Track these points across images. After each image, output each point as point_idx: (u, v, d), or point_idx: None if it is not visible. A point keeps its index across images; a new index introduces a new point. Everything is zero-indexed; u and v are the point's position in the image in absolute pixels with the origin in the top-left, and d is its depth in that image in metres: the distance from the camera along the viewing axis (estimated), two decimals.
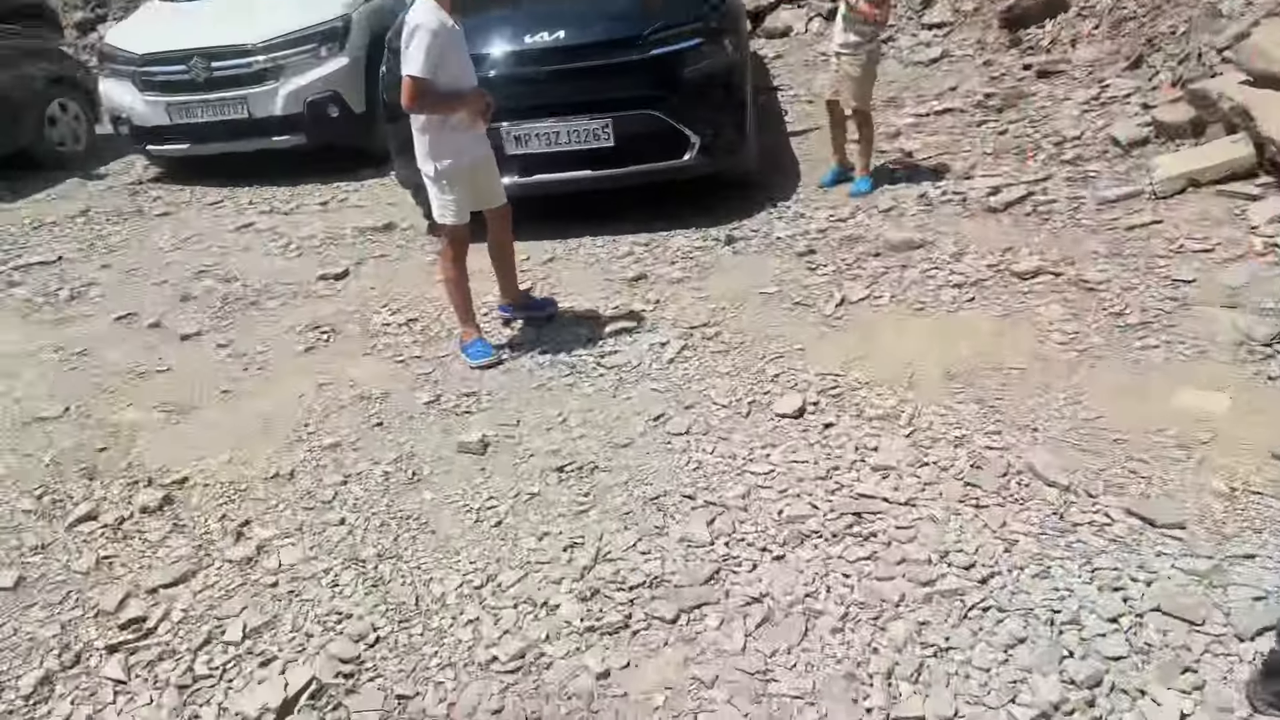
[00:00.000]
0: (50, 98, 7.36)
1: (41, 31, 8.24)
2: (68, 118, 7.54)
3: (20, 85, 7.08)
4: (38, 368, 4.13)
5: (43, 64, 7.36)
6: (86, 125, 7.73)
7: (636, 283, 4.53)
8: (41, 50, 7.47)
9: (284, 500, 3.09)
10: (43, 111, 7.27)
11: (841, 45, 5.00)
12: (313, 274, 4.99)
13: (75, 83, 7.65)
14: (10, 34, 7.32)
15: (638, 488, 2.98)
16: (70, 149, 7.55)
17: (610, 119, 4.82)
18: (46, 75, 7.35)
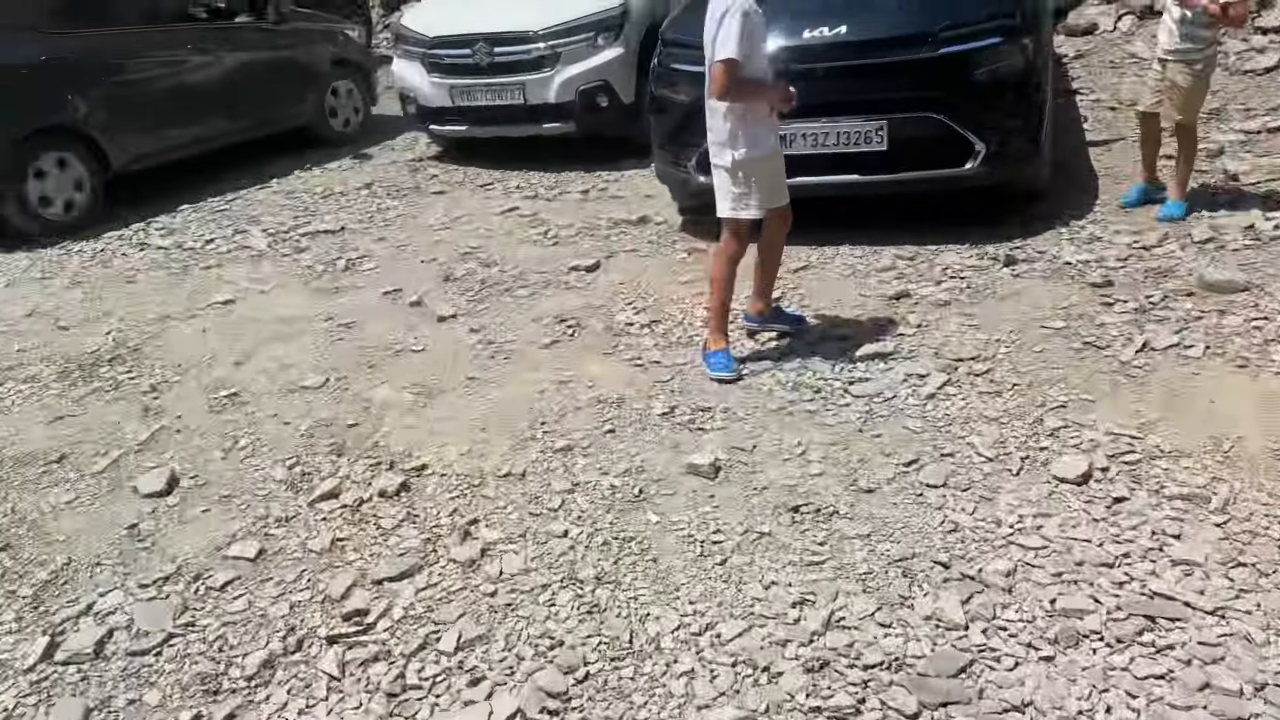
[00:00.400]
0: (333, 78, 7.86)
1: (336, 14, 8.83)
2: (347, 98, 8.03)
3: (307, 66, 7.62)
4: (309, 335, 4.36)
5: (328, 46, 7.87)
6: (363, 106, 8.21)
7: (896, 301, 4.17)
8: (328, 33, 7.98)
9: (512, 502, 3.03)
10: (325, 91, 7.78)
11: (1170, 50, 4.35)
12: (565, 264, 5.00)
13: (356, 65, 8.12)
14: (303, 17, 7.88)
15: (881, 544, 2.67)
16: (347, 128, 8.05)
17: (886, 121, 4.47)
18: (330, 57, 7.85)
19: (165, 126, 6.61)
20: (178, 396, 3.88)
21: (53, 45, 5.96)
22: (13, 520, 3.13)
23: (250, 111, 7.20)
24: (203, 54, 6.84)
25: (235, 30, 7.24)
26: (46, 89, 5.90)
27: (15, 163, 5.76)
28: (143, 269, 5.37)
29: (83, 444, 3.57)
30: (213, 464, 3.37)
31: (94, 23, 6.35)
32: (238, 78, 7.07)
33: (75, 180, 6.09)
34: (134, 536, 2.99)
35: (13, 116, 5.76)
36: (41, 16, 6.03)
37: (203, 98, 6.83)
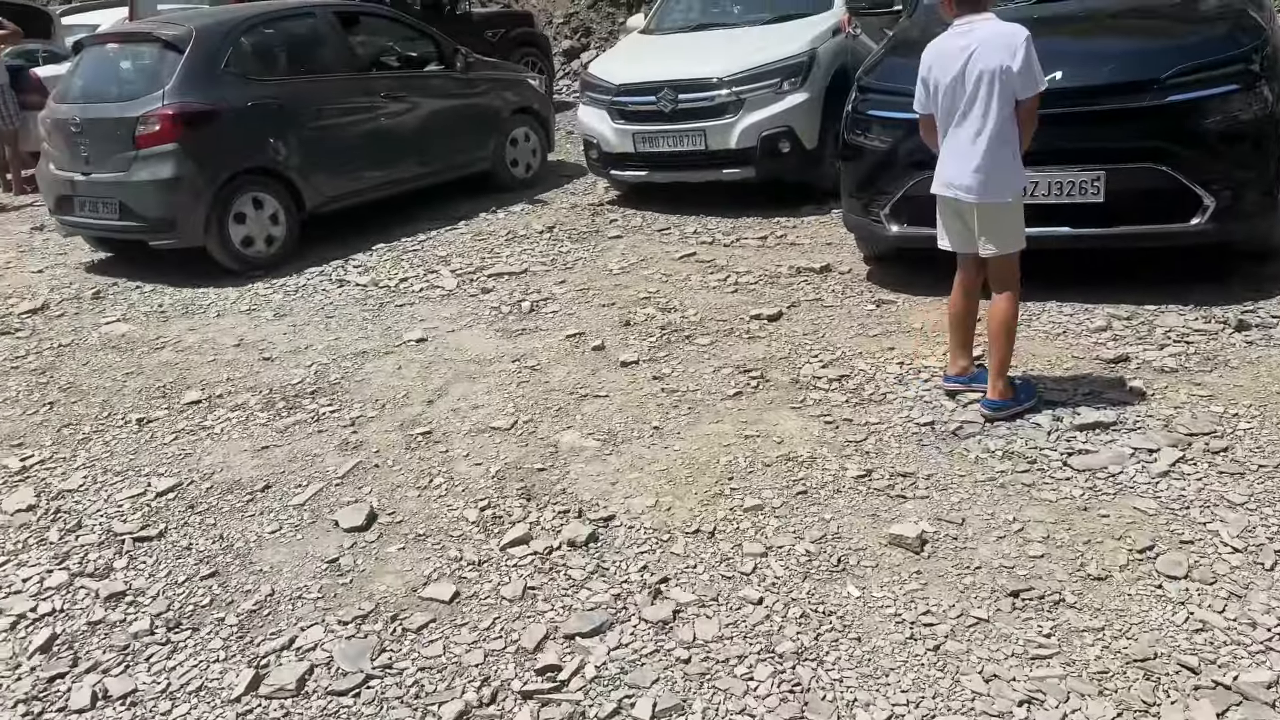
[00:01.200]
0: (513, 126, 8.05)
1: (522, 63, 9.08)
2: (526, 145, 8.20)
3: (490, 113, 7.84)
4: (497, 376, 4.43)
5: (509, 94, 8.07)
6: (540, 153, 8.36)
7: (1115, 365, 3.87)
8: (510, 82, 8.20)
9: (703, 562, 2.93)
10: (506, 138, 7.97)
11: None
12: (747, 312, 4.90)
13: (535, 113, 8.29)
14: (488, 66, 8.12)
15: (1117, 640, 2.41)
16: (526, 174, 8.20)
17: (1103, 171, 4.19)
18: (512, 105, 8.04)
19: (357, 170, 6.90)
20: (375, 432, 3.99)
21: (257, 91, 6.35)
22: (222, 548, 3.27)
23: (437, 157, 7.46)
24: (394, 101, 7.11)
25: (425, 79, 7.56)
26: (251, 133, 6.27)
27: (221, 202, 6.11)
28: (341, 305, 5.62)
29: (286, 474, 3.71)
30: (408, 501, 3.43)
31: (295, 71, 6.73)
32: (426, 124, 7.35)
33: (272, 220, 6.44)
34: (334, 571, 3.05)
35: (221, 158, 6.13)
36: (249, 64, 6.44)
37: (392, 143, 7.09)
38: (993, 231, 3.43)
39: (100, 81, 6.57)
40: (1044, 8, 5.07)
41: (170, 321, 5.62)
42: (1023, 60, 3.18)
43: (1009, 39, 3.21)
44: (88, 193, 6.34)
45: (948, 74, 3.35)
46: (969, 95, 3.31)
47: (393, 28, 7.80)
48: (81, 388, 4.78)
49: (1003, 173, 3.33)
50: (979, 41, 3.27)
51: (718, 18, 7.56)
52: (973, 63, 3.27)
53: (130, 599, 3.03)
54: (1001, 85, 3.23)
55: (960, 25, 3.34)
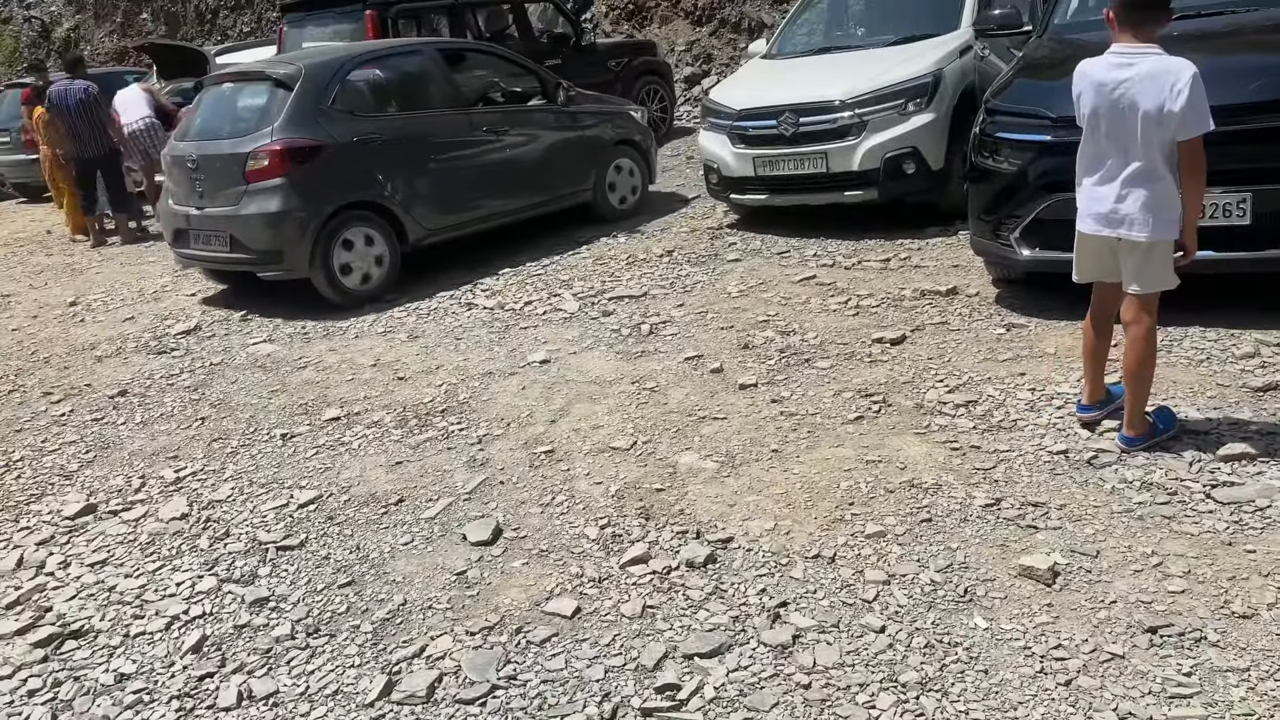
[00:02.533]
0: (614, 157, 8.02)
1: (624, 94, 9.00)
2: (628, 177, 8.15)
3: (591, 145, 7.86)
4: (617, 397, 4.51)
5: (611, 126, 8.06)
6: (641, 184, 8.29)
7: (1264, 394, 3.66)
8: (611, 114, 8.19)
9: (822, 587, 2.91)
10: (605, 169, 7.95)
11: None
12: (868, 335, 4.85)
13: (636, 144, 8.24)
14: (589, 99, 8.12)
15: (1263, 682, 2.29)
16: (624, 205, 8.13)
17: (1250, 193, 3.99)
18: (614, 137, 8.04)
19: (458, 203, 7.01)
20: (500, 449, 4.12)
21: (363, 127, 6.50)
22: (358, 557, 3.43)
23: (538, 189, 7.50)
24: (496, 135, 7.20)
25: (527, 113, 7.62)
26: (355, 168, 6.41)
27: (326, 235, 6.27)
28: (470, 327, 5.82)
29: (418, 489, 3.87)
30: (532, 517, 3.53)
31: (401, 107, 6.92)
32: (527, 157, 7.39)
33: (376, 254, 6.57)
34: (462, 583, 3.17)
35: (326, 192, 6.29)
36: (355, 101, 6.63)
37: (494, 176, 7.16)
38: (1144, 270, 3.26)
39: (216, 119, 6.84)
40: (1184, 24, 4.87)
41: (312, 342, 5.93)
42: (1185, 101, 2.99)
43: (1173, 77, 3.01)
44: (201, 226, 6.59)
45: (1095, 103, 3.20)
46: (1124, 131, 3.15)
47: (497, 63, 7.92)
48: (230, 404, 5.09)
49: (1162, 209, 3.17)
50: (1138, 77, 3.08)
51: (841, 41, 7.54)
52: (1128, 98, 3.10)
53: (273, 605, 3.21)
54: (1159, 126, 3.07)
55: (1120, 52, 3.16)
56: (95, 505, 4.11)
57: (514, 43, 9.97)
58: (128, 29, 20.38)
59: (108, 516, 4.02)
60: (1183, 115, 3.01)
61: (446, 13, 9.48)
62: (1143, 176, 3.16)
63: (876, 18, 7.63)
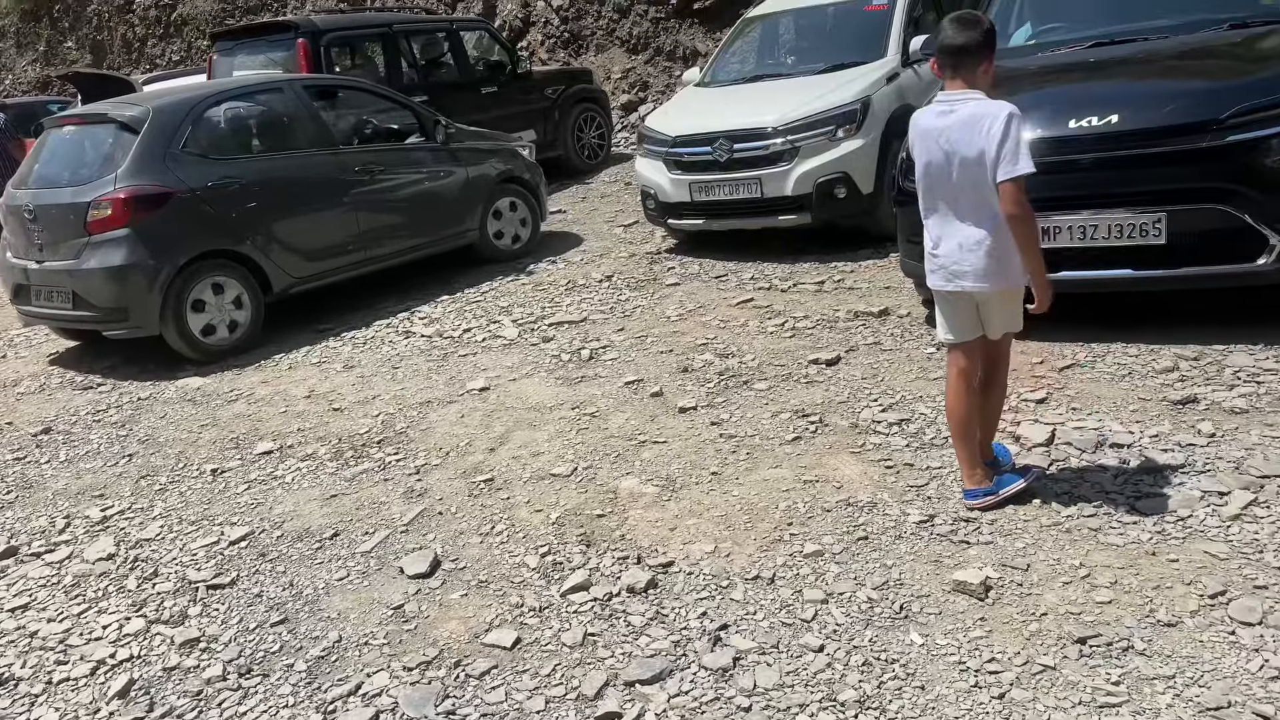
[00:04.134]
0: (500, 196, 7.66)
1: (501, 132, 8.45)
2: (514, 215, 7.79)
3: (474, 184, 7.47)
4: (557, 424, 4.49)
5: (495, 163, 7.68)
6: (532, 223, 7.94)
7: (1183, 407, 3.79)
8: (497, 150, 7.83)
9: (762, 608, 2.93)
10: (487, 208, 7.57)
11: None
12: (804, 357, 4.91)
13: (523, 182, 7.87)
14: (471, 135, 7.76)
15: (1189, 689, 2.35)
16: (514, 245, 7.80)
17: (1165, 213, 4.13)
18: (498, 175, 7.65)
19: (329, 248, 6.62)
20: (439, 479, 4.07)
21: (218, 171, 6.11)
22: (292, 594, 3.36)
23: (418, 231, 7.17)
24: (370, 176, 6.83)
25: (403, 151, 7.24)
26: (210, 215, 6.01)
27: (178, 288, 5.86)
28: (407, 355, 5.76)
29: (353, 522, 3.81)
30: (471, 548, 3.49)
31: (261, 148, 6.55)
32: (404, 198, 7.06)
33: (237, 306, 6.18)
34: (399, 617, 3.12)
35: (178, 242, 5.87)
36: (209, 144, 6.23)
37: (369, 219, 6.81)
38: (999, 316, 3.17)
39: (56, 165, 6.34)
40: (1100, 51, 5.07)
41: (244, 374, 5.82)
42: (999, 143, 2.86)
43: (989, 120, 2.89)
44: (41, 281, 6.11)
45: (928, 155, 3.08)
46: (952, 180, 3.03)
47: (370, 100, 7.51)
48: (159, 440, 4.97)
49: (1001, 258, 3.02)
50: (957, 123, 2.96)
51: (772, 69, 7.67)
52: (951, 146, 2.98)
53: (204, 645, 3.12)
54: (983, 171, 2.93)
55: (943, 100, 3.05)
56: (16, 547, 3.97)
57: (450, 71, 9.97)
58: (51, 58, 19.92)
59: (30, 559, 3.88)
60: (998, 157, 2.88)
61: (381, 41, 9.44)
62: (975, 227, 3.03)
63: (806, 46, 7.80)
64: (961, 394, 3.31)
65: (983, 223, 3.03)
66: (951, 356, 3.36)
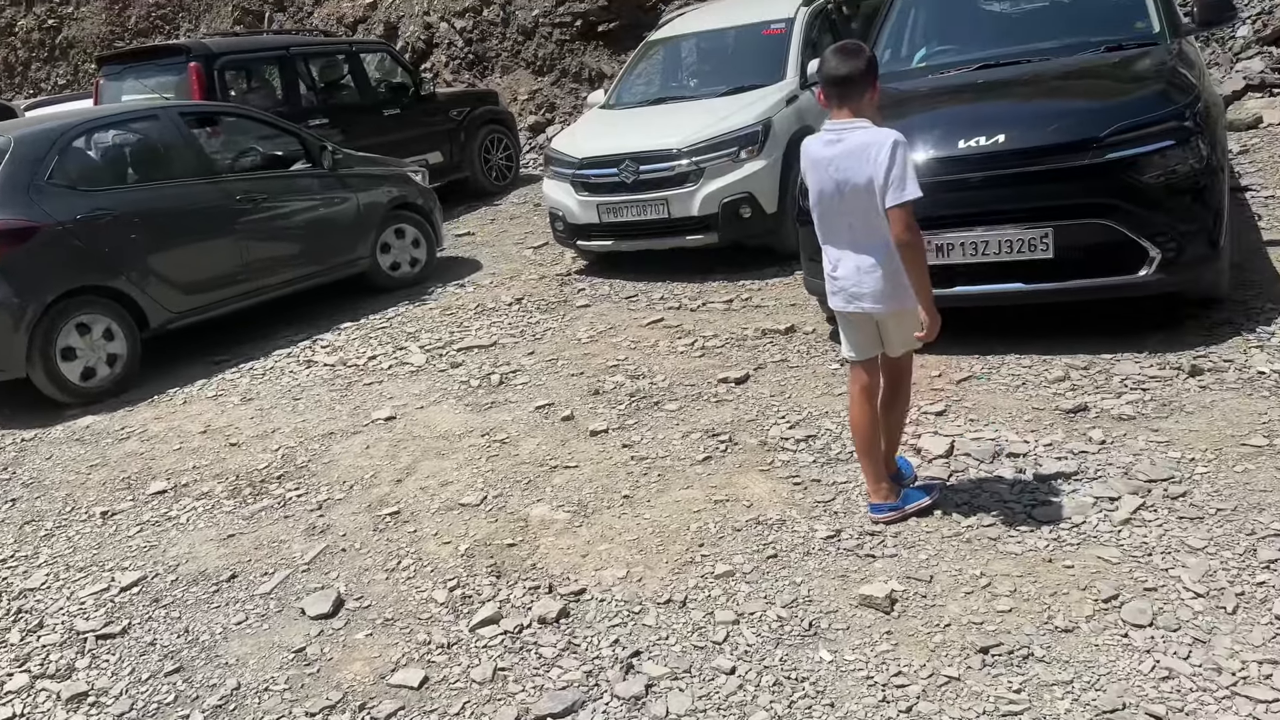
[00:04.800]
0: (391, 223, 7.48)
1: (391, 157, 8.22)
2: (407, 242, 7.63)
3: (364, 211, 7.25)
4: (466, 451, 4.42)
5: (386, 189, 7.49)
6: (427, 250, 7.77)
7: (1074, 415, 3.92)
8: (387, 176, 7.66)
9: (674, 632, 2.92)
10: (379, 235, 7.40)
11: None
12: (714, 376, 4.94)
13: (417, 208, 7.71)
14: (360, 161, 7.55)
15: (1086, 693, 2.42)
16: (409, 272, 7.63)
17: (1051, 228, 4.29)
18: (390, 201, 7.46)
19: (210, 281, 6.35)
20: (342, 514, 3.96)
21: (88, 203, 5.79)
22: (187, 641, 3.22)
23: (305, 260, 6.94)
24: (253, 205, 6.57)
25: (288, 179, 7.00)
26: (79, 249, 5.70)
27: (45, 326, 5.52)
28: (309, 386, 5.61)
29: (252, 562, 3.68)
30: (376, 585, 3.40)
31: (135, 178, 6.26)
32: (290, 227, 6.83)
33: (110, 343, 5.87)
34: (301, 660, 3.01)
35: (43, 278, 5.54)
36: (78, 174, 5.91)
37: (253, 250, 6.56)
38: (898, 335, 3.23)
39: None
40: (988, 73, 5.26)
41: (136, 410, 5.58)
42: (886, 169, 2.91)
43: (876, 149, 2.94)
44: None
45: (819, 182, 3.13)
46: (844, 207, 3.09)
47: (252, 126, 7.27)
48: (44, 482, 4.72)
49: (895, 281, 3.09)
50: (846, 152, 3.01)
51: (675, 91, 7.75)
52: (841, 173, 3.03)
53: (93, 700, 2.97)
54: (872, 198, 2.99)
55: (831, 129, 3.09)
56: None
57: (351, 93, 9.81)
58: None
59: None
60: (886, 184, 2.93)
61: (278, 64, 9.23)
62: (869, 251, 3.09)
63: (708, 69, 7.90)
64: (864, 410, 3.37)
65: (877, 247, 3.09)
66: (854, 373, 3.42)
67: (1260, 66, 8.07)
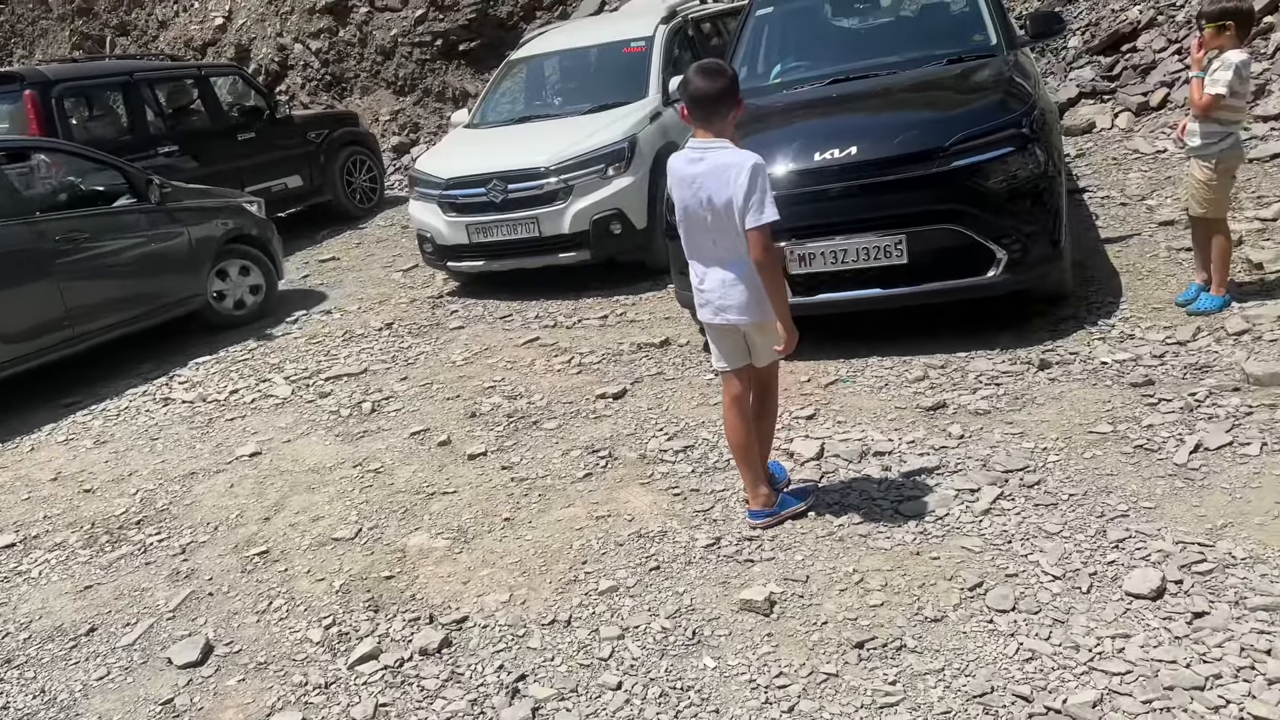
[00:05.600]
0: (226, 257, 7.15)
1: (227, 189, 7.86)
2: (243, 277, 7.28)
3: (195, 246, 6.89)
4: (338, 484, 4.30)
5: (220, 222, 7.14)
6: (266, 283, 7.44)
7: (934, 412, 4.09)
8: (221, 208, 7.25)
9: (560, 652, 2.90)
10: (211, 271, 7.03)
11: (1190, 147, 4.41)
12: (592, 392, 4.95)
13: (253, 239, 7.37)
14: (190, 194, 7.17)
15: (957, 679, 2.52)
16: (245, 310, 7.27)
17: (904, 235, 4.48)
18: (224, 234, 7.10)
19: (27, 328, 5.86)
20: (207, 558, 3.79)
21: None
22: (44, 702, 3.02)
23: (134, 302, 6.50)
24: (73, 245, 6.11)
25: (112, 216, 6.55)
26: None
27: None
28: (167, 425, 5.35)
29: (112, 613, 3.48)
30: (247, 628, 3.26)
31: None
32: (116, 266, 6.39)
33: None
34: (169, 713, 2.87)
35: None
36: None
37: (75, 292, 6.09)
38: (763, 346, 3.29)
39: None
40: (839, 87, 5.46)
41: None
42: (745, 191, 2.96)
43: (735, 170, 2.99)
44: None
45: (683, 199, 3.18)
46: (706, 224, 3.13)
47: (70, 161, 6.82)
48: None
49: (756, 295, 3.15)
50: (707, 171, 3.06)
51: (540, 110, 7.76)
52: (704, 192, 3.08)
53: None
54: (730, 218, 3.05)
55: (695, 147, 3.14)
56: None
57: (202, 119, 9.43)
58: None
59: None
60: (745, 206, 2.98)
61: (121, 90, 8.80)
62: (732, 266, 3.15)
63: (572, 87, 7.94)
64: (738, 418, 3.44)
65: (738, 263, 3.14)
66: (725, 383, 3.48)
67: (1091, 75, 8.64)
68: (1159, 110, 7.87)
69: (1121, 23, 8.78)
